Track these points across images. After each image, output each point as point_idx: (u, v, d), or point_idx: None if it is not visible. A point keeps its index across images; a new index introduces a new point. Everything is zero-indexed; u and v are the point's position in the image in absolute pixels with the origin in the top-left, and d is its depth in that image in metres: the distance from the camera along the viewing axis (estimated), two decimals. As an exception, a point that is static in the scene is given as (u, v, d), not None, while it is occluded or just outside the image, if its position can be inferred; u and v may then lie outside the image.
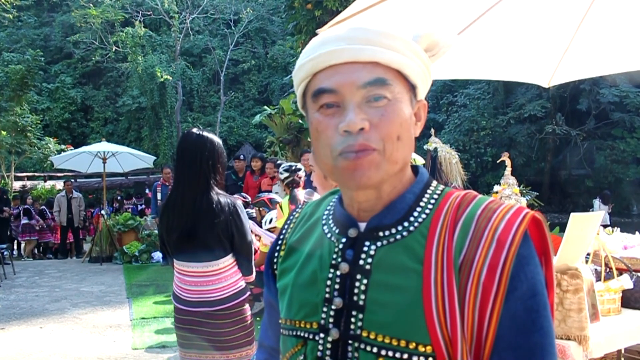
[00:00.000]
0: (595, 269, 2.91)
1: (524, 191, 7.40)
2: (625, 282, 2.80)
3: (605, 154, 20.03)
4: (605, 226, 3.69)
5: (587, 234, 2.58)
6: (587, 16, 2.85)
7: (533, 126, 20.81)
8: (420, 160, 7.50)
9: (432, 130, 8.31)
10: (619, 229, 3.64)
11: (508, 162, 5.71)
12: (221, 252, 2.54)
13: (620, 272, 2.97)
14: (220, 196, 2.52)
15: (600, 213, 2.84)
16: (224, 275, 2.53)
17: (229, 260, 2.56)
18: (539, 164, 21.12)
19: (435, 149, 8.30)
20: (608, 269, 2.93)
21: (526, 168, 20.16)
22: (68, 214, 13.05)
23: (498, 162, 6.36)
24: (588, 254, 2.99)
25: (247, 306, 2.61)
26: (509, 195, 5.66)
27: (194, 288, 2.55)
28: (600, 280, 2.83)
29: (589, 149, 20.52)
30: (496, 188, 6.18)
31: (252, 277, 2.65)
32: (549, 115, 20.75)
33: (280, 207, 4.55)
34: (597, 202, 15.25)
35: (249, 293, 2.62)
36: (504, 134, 21.44)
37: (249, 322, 2.59)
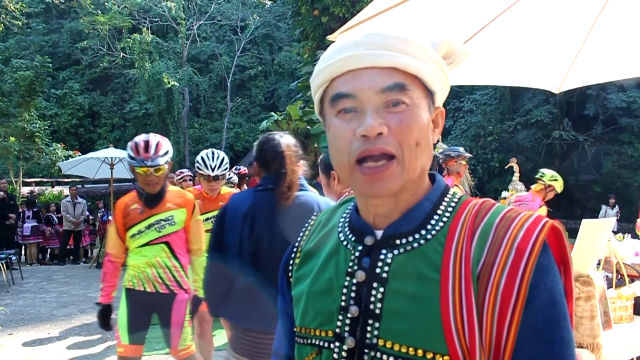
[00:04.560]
0: (607, 276, 2.89)
1: (532, 197, 7.37)
2: (637, 289, 2.78)
3: (612, 159, 19.93)
4: (614, 232, 3.67)
5: (598, 241, 2.56)
6: (597, 22, 2.84)
7: (540, 132, 20.74)
8: None
9: (439, 136, 8.31)
10: (629, 235, 3.61)
11: (516, 168, 5.69)
12: None
13: (632, 278, 2.95)
14: None
15: (611, 219, 2.82)
16: None
17: None
18: (546, 170, 21.04)
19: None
20: (619, 276, 2.91)
21: (533, 174, 20.03)
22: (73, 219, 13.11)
23: (506, 167, 6.34)
24: (599, 261, 2.97)
25: None
26: (518, 201, 5.63)
27: None
28: (611, 287, 2.81)
29: (596, 154, 20.41)
30: (504, 194, 6.14)
31: None
32: (556, 121, 20.68)
33: None
34: (604, 208, 15.19)
35: None
36: (510, 139, 21.37)
37: None
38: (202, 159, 4.12)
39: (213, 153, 4.13)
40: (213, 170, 4.08)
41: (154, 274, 3.33)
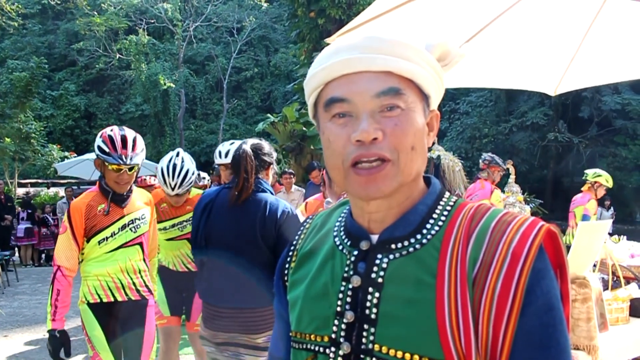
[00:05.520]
0: (603, 278, 2.89)
1: (528, 199, 7.40)
2: (633, 290, 2.78)
3: (607, 161, 20.00)
4: (609, 234, 3.68)
5: (594, 243, 2.56)
6: (593, 25, 2.85)
7: (535, 133, 20.80)
8: None
9: (435, 138, 8.31)
10: (625, 237, 3.62)
11: (512, 170, 5.69)
12: None
13: (628, 280, 2.96)
14: None
15: (608, 222, 2.82)
16: None
17: None
18: (542, 171, 21.12)
19: (439, 156, 8.30)
20: (615, 278, 2.91)
21: (529, 175, 20.14)
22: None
23: (502, 169, 6.35)
24: (595, 263, 2.97)
25: None
26: (513, 203, 5.64)
27: None
28: (607, 289, 2.82)
29: (591, 156, 20.47)
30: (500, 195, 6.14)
31: None
32: (551, 123, 20.75)
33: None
34: (599, 210, 15.23)
35: None
36: (506, 141, 21.43)
37: None
38: (162, 173, 3.48)
39: (175, 167, 3.45)
40: (173, 189, 3.47)
41: (127, 280, 2.97)
